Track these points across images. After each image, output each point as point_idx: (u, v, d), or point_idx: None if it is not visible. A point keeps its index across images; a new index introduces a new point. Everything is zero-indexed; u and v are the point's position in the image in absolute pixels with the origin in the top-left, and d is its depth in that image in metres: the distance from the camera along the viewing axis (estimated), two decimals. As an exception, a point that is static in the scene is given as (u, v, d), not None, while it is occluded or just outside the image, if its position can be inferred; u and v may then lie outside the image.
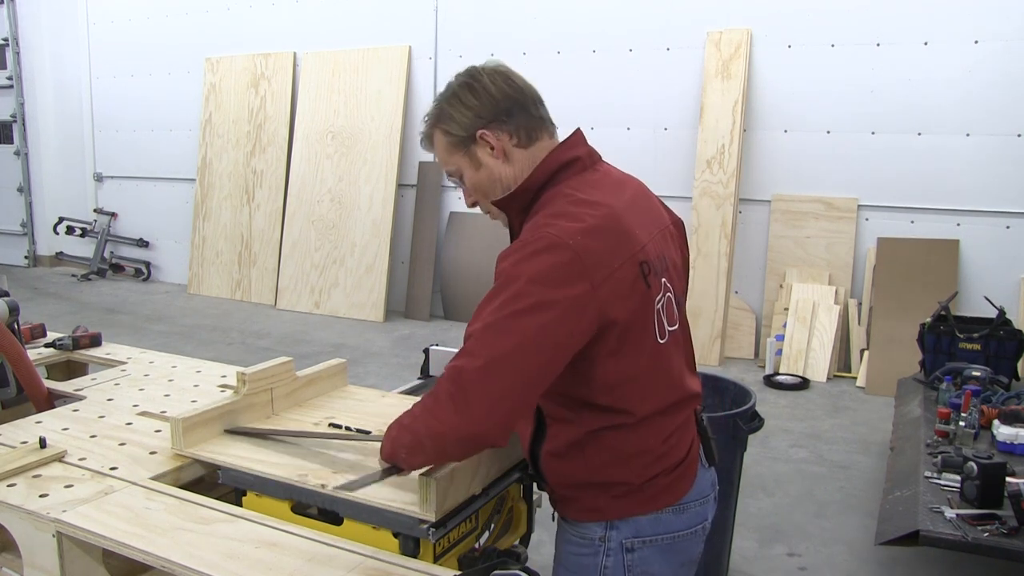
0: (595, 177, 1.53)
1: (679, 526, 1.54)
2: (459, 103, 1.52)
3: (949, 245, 5.51)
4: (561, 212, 1.42)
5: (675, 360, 1.54)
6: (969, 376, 3.48)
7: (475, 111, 1.50)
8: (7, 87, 9.76)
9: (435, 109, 1.56)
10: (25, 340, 2.73)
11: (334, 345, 6.36)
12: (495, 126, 1.50)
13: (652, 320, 1.47)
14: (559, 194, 1.48)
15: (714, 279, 5.96)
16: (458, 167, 1.56)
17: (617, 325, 1.40)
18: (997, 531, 2.29)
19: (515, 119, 1.51)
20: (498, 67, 1.56)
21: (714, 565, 2.86)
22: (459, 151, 1.54)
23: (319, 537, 1.48)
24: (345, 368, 2.36)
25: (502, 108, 1.51)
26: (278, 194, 7.89)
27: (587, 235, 1.37)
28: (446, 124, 1.53)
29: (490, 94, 1.51)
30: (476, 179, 1.55)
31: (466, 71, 1.56)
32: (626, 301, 1.41)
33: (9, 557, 1.74)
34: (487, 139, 1.51)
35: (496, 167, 1.52)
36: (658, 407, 1.49)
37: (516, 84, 1.54)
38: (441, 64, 7.20)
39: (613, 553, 1.51)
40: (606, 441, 1.48)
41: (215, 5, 8.39)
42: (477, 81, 1.52)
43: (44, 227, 9.76)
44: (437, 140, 1.56)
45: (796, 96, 5.89)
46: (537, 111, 1.55)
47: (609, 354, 1.42)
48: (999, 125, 5.34)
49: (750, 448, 2.95)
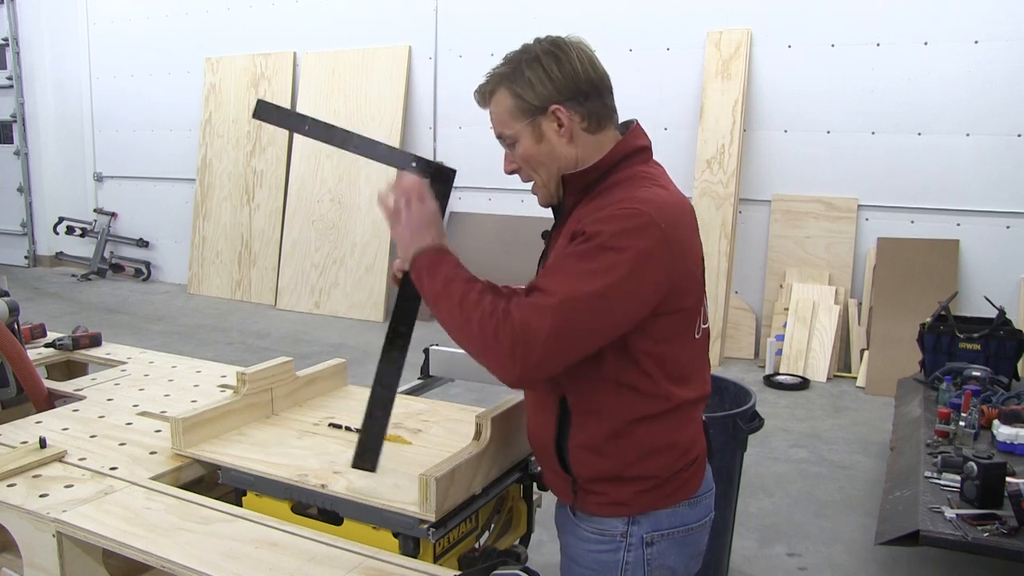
0: (660, 170, 1.54)
1: (693, 519, 1.56)
2: (541, 70, 1.44)
3: (949, 245, 5.51)
4: (646, 191, 1.42)
5: (703, 356, 1.59)
6: (969, 376, 3.48)
7: (556, 84, 1.44)
8: (7, 87, 9.76)
9: (508, 68, 1.47)
10: (25, 340, 2.73)
11: (334, 345, 6.36)
12: (571, 104, 1.46)
13: (699, 314, 1.51)
14: (635, 176, 1.47)
15: (714, 279, 5.96)
16: (516, 133, 1.48)
17: (676, 314, 1.44)
18: (997, 531, 2.29)
19: (591, 102, 1.48)
20: (584, 45, 1.51)
21: (714, 565, 2.85)
22: (524, 119, 1.47)
23: (319, 537, 1.48)
24: (345, 368, 2.36)
25: (582, 89, 1.46)
26: (278, 194, 7.89)
27: (672, 217, 1.39)
28: (519, 87, 1.45)
29: (575, 70, 1.46)
30: (533, 152, 1.49)
31: (551, 40, 1.50)
32: (689, 289, 1.45)
33: (9, 557, 1.74)
34: (559, 115, 1.45)
35: (559, 146, 1.47)
36: (689, 397, 1.51)
37: (599, 69, 1.51)
38: (441, 64, 7.20)
39: (634, 548, 1.50)
40: (641, 433, 1.48)
41: (215, 5, 8.38)
42: (564, 53, 1.46)
43: (44, 227, 9.76)
44: (501, 99, 1.48)
45: (796, 96, 5.89)
46: (611, 101, 1.53)
47: (661, 340, 1.44)
48: (999, 125, 5.34)
49: (750, 448, 2.95)
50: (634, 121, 1.56)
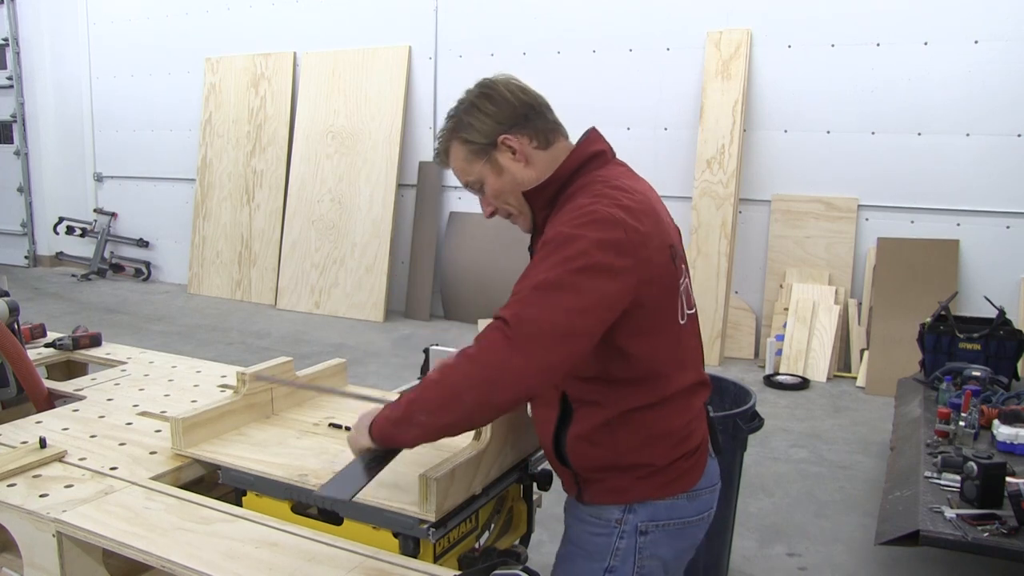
0: (620, 169, 1.59)
1: (690, 512, 1.59)
2: (478, 111, 1.55)
3: (949, 245, 5.51)
4: (602, 194, 1.46)
5: (695, 343, 1.62)
6: (969, 376, 3.47)
7: (495, 117, 1.54)
8: (7, 87, 9.76)
9: (451, 122, 1.59)
10: (25, 340, 2.73)
11: (334, 345, 6.36)
12: (516, 130, 1.55)
13: (678, 301, 1.54)
14: (594, 180, 1.52)
15: (714, 279, 5.96)
16: (479, 176, 1.58)
17: (650, 303, 1.46)
18: (997, 531, 2.29)
19: (533, 123, 1.56)
20: (510, 78, 1.61)
21: (714, 565, 2.85)
22: (480, 159, 1.56)
23: (319, 537, 1.48)
24: (345, 368, 2.37)
25: (520, 113, 1.56)
26: (278, 194, 7.89)
27: (631, 215, 1.42)
28: (466, 133, 1.56)
29: (507, 100, 1.56)
30: (499, 185, 1.57)
31: (478, 84, 1.60)
32: (660, 281, 1.47)
33: (9, 557, 1.74)
34: (509, 143, 1.54)
35: (519, 171, 1.56)
36: (683, 385, 1.55)
37: (530, 92, 1.60)
38: (441, 64, 7.20)
39: (627, 536, 1.55)
40: (635, 422, 1.52)
41: (215, 5, 8.38)
42: (493, 90, 1.57)
43: (44, 227, 9.76)
44: (456, 152, 1.59)
45: (796, 96, 5.89)
46: (552, 116, 1.61)
47: (642, 331, 1.47)
48: (999, 125, 5.34)
49: (750, 448, 2.95)
50: (591, 128, 1.63)
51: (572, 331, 1.35)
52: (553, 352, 1.34)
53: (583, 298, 1.35)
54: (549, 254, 1.39)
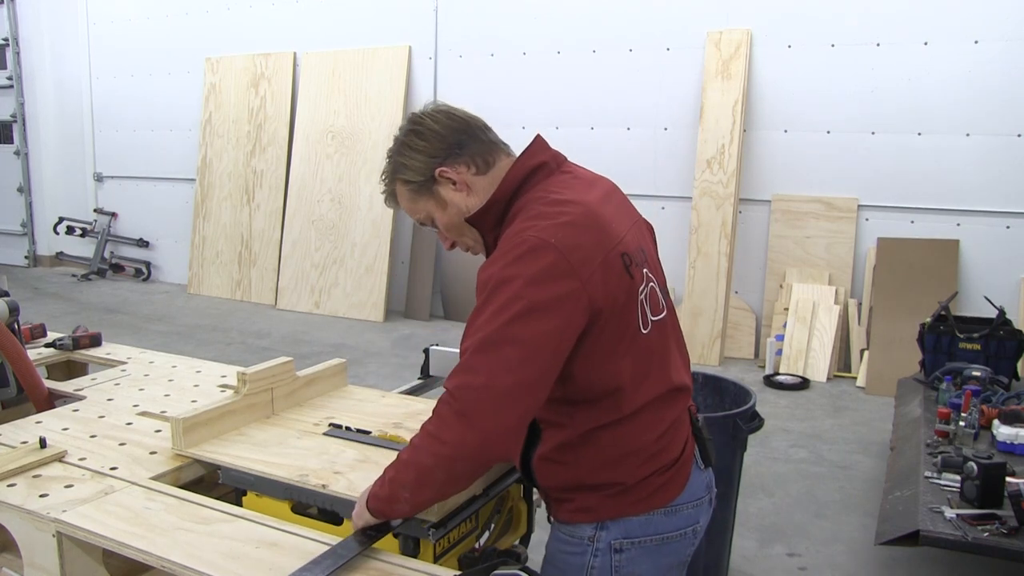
0: (564, 179, 1.54)
1: (669, 528, 1.53)
2: (409, 150, 1.53)
3: (949, 245, 5.51)
4: (537, 214, 1.42)
5: (661, 350, 1.54)
6: (969, 376, 3.47)
7: (426, 152, 1.51)
8: (7, 87, 9.76)
9: (389, 166, 1.57)
10: (25, 340, 2.73)
11: (334, 345, 6.36)
12: (450, 161, 1.51)
13: (636, 311, 1.47)
14: (532, 199, 1.48)
15: (714, 279, 5.96)
16: (427, 212, 1.56)
17: (603, 317, 1.40)
18: (997, 531, 2.29)
19: (467, 149, 1.52)
20: (438, 106, 1.58)
21: (714, 565, 2.85)
22: (423, 196, 1.54)
23: (319, 537, 1.47)
24: (345, 368, 2.36)
25: (452, 142, 1.52)
26: (278, 194, 7.89)
27: (568, 232, 1.38)
28: (403, 174, 1.54)
29: (436, 132, 1.52)
30: (447, 219, 1.55)
31: (408, 119, 1.58)
32: (612, 293, 1.41)
33: (9, 557, 1.74)
34: (447, 175, 1.51)
35: (462, 201, 1.53)
36: (648, 399, 1.48)
37: (459, 116, 1.56)
38: (441, 64, 7.20)
39: (601, 553, 1.51)
40: (599, 442, 1.48)
41: (215, 5, 8.38)
42: (420, 124, 1.54)
43: (44, 227, 9.76)
44: (400, 193, 1.57)
45: (796, 96, 5.89)
46: (487, 136, 1.56)
47: (597, 347, 1.42)
48: (999, 125, 5.34)
49: (750, 448, 2.95)
50: (536, 137, 1.59)
51: (520, 387, 1.33)
52: (505, 415, 1.33)
53: (524, 348, 1.32)
54: (484, 304, 1.36)
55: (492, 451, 1.36)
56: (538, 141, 1.58)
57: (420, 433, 1.41)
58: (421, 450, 1.39)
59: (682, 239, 6.08)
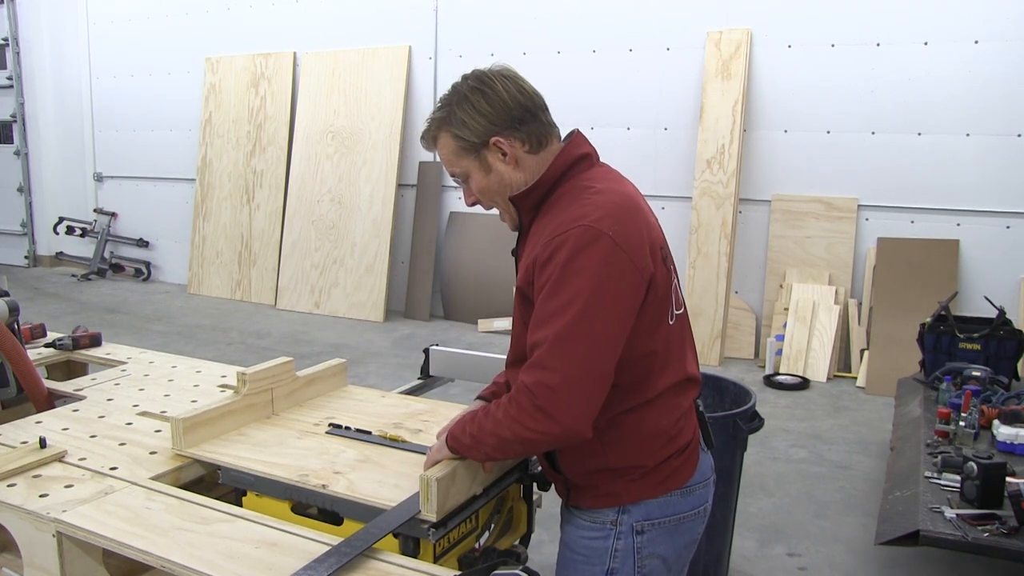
0: (603, 171, 1.58)
1: (685, 508, 1.59)
2: (472, 109, 1.51)
3: (949, 245, 5.51)
4: (588, 203, 1.45)
5: (680, 342, 1.60)
6: (969, 376, 3.47)
7: (489, 118, 1.51)
8: (7, 87, 9.76)
9: (443, 111, 1.55)
10: (25, 340, 2.73)
11: (334, 345, 6.36)
12: (508, 133, 1.51)
13: (671, 300, 1.54)
14: (578, 187, 1.51)
15: (714, 279, 5.96)
16: (466, 170, 1.57)
17: (647, 302, 1.46)
18: (997, 531, 2.28)
19: (527, 126, 1.53)
20: (507, 72, 1.56)
21: (714, 565, 2.85)
22: (469, 156, 1.54)
23: (319, 537, 1.47)
24: (345, 368, 2.37)
25: (515, 116, 1.52)
26: (278, 194, 7.89)
27: (618, 221, 1.42)
28: (457, 129, 1.53)
29: (503, 101, 1.51)
30: (485, 184, 1.56)
31: (475, 75, 1.56)
32: (655, 283, 1.47)
33: (9, 557, 1.74)
34: (500, 146, 1.52)
35: (507, 173, 1.54)
36: (668, 384, 1.54)
37: (527, 91, 1.55)
38: (441, 64, 7.20)
39: (624, 536, 1.55)
40: (624, 426, 1.52)
41: (215, 5, 8.38)
42: (489, 87, 1.52)
43: (44, 227, 9.76)
44: (444, 142, 1.56)
45: (796, 96, 5.89)
46: (546, 118, 1.57)
47: (639, 331, 1.46)
48: (999, 125, 5.33)
49: (750, 448, 2.95)
50: (575, 131, 1.61)
51: (593, 379, 1.39)
52: (582, 406, 1.39)
53: (595, 342, 1.38)
54: (553, 292, 1.40)
55: (573, 437, 1.41)
56: (579, 134, 1.61)
57: (501, 408, 1.45)
58: (503, 426, 1.44)
59: (682, 239, 6.08)
